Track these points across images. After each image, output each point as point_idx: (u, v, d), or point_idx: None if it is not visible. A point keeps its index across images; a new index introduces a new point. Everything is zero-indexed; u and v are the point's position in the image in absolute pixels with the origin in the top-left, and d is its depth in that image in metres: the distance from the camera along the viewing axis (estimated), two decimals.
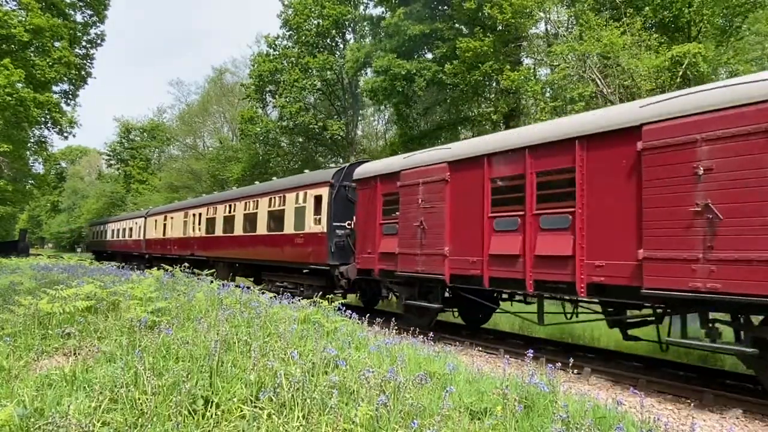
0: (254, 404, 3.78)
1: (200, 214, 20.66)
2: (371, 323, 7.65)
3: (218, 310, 6.54)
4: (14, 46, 25.09)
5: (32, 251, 49.41)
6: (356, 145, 33.90)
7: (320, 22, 30.17)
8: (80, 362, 4.77)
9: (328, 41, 31.70)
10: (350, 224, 12.37)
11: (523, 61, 22.97)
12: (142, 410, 3.55)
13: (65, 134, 29.39)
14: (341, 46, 32.46)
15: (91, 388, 3.93)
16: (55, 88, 28.39)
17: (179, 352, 4.78)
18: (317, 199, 13.02)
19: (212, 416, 3.65)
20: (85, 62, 29.92)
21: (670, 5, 16.16)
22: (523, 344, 9.06)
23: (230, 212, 17.95)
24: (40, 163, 33.39)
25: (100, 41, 30.47)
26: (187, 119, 52.58)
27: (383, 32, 25.14)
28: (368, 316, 7.91)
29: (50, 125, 28.60)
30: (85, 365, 4.67)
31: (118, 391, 3.74)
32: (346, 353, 5.03)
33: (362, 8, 31.17)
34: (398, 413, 3.62)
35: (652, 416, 4.26)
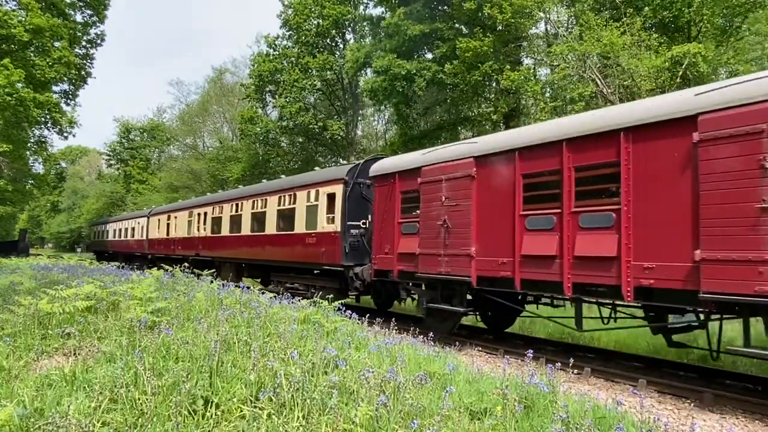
0: (254, 404, 3.78)
1: (206, 213, 20.19)
2: (371, 323, 7.65)
3: (218, 310, 6.54)
4: (14, 46, 25.08)
5: (32, 251, 49.45)
6: (356, 145, 33.91)
7: (320, 22, 30.19)
8: (80, 362, 4.77)
9: (328, 41, 31.71)
10: (365, 223, 11.96)
11: (523, 61, 22.98)
12: (142, 410, 3.55)
13: (65, 134, 29.40)
14: (341, 46, 32.47)
15: (91, 388, 3.93)
16: (55, 88, 28.42)
17: (179, 352, 4.78)
18: (330, 197, 12.57)
19: (212, 416, 3.65)
20: (85, 62, 29.93)
21: (670, 5, 16.17)
22: (523, 344, 9.05)
23: (237, 211, 17.46)
24: (40, 163, 33.40)
25: (100, 41, 30.51)
26: (187, 119, 52.60)
27: (383, 32, 25.15)
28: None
29: (50, 125, 28.59)
30: (85, 365, 4.68)
31: (118, 391, 3.74)
32: (346, 353, 5.03)
33: (362, 8, 31.20)
34: (398, 413, 3.62)
35: (652, 416, 4.26)
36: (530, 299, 9.23)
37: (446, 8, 23.67)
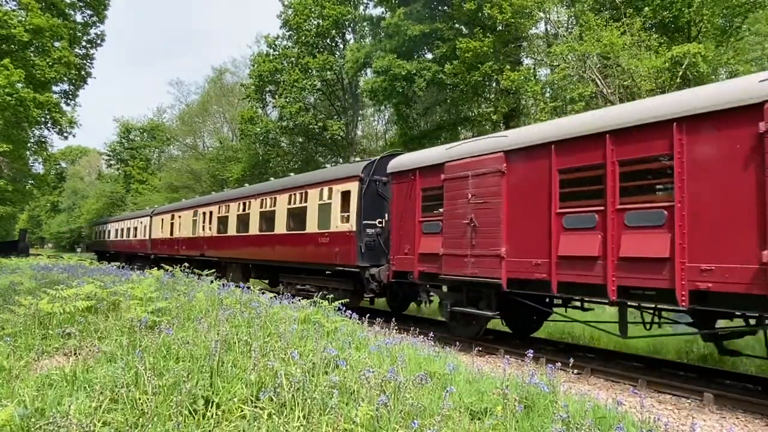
0: (255, 404, 3.78)
1: (211, 212, 19.58)
2: (371, 323, 7.65)
3: (218, 310, 6.54)
4: (14, 46, 25.08)
5: (32, 251, 49.44)
6: (356, 145, 33.92)
7: (320, 22, 30.20)
8: (81, 362, 4.77)
9: (328, 41, 31.72)
10: (381, 222, 11.57)
11: (523, 61, 23.00)
12: (142, 410, 3.55)
13: (65, 134, 29.37)
14: (341, 46, 32.48)
15: (91, 388, 3.93)
16: (55, 88, 28.42)
17: (179, 352, 4.78)
18: (345, 195, 12.07)
19: (213, 416, 3.65)
20: (85, 62, 29.92)
21: (670, 5, 16.17)
22: (523, 344, 9.04)
23: (245, 210, 16.90)
24: (40, 163, 33.39)
25: (100, 41, 30.50)
26: (187, 119, 52.63)
27: (383, 32, 25.16)
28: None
29: (50, 125, 28.58)
30: (85, 365, 4.68)
31: (118, 391, 3.74)
32: (346, 353, 5.03)
33: (362, 8, 31.21)
34: (398, 413, 3.62)
35: (652, 416, 4.26)
36: (558, 302, 8.84)
37: (446, 8, 23.69)
